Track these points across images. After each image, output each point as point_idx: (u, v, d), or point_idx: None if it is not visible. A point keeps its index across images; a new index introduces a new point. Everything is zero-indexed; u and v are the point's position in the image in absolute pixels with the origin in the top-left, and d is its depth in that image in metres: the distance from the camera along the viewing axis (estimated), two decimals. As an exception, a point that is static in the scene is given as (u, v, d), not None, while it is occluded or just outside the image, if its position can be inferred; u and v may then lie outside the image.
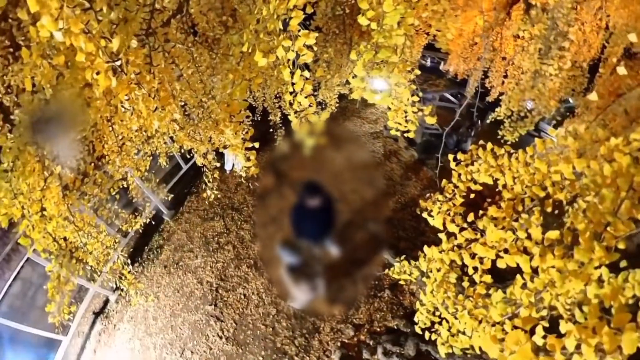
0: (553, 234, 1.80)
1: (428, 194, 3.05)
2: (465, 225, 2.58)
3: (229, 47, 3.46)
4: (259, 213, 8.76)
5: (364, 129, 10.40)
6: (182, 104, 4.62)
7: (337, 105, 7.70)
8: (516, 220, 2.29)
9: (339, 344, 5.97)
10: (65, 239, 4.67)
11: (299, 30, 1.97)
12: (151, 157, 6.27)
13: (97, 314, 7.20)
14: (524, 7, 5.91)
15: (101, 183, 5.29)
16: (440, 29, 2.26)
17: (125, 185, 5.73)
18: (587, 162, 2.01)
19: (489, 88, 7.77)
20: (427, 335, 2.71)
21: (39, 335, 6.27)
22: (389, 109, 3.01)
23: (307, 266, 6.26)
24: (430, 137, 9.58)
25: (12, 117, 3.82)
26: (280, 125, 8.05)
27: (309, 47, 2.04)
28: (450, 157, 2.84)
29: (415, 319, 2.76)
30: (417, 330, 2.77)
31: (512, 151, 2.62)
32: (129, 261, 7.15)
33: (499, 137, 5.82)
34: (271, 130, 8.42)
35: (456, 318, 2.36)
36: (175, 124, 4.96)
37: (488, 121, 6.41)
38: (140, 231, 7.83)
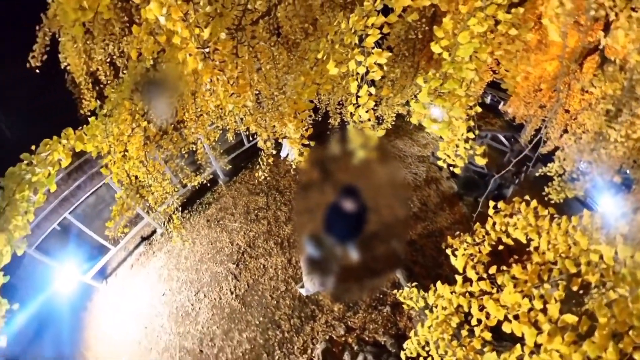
0: (570, 318, 1.55)
1: (458, 232, 2.81)
2: (484, 275, 2.34)
3: (306, 52, 3.47)
4: (297, 201, 8.85)
5: (412, 150, 9.96)
6: (257, 93, 4.76)
7: (393, 122, 7.47)
8: (537, 287, 2.02)
9: (327, 337, 5.87)
10: (136, 177, 5.10)
11: (373, 48, 1.92)
12: (221, 131, 6.66)
13: (143, 239, 7.93)
14: (598, 61, 5.17)
15: (176, 142, 5.66)
16: (508, 69, 2.03)
17: (194, 148, 6.12)
18: (632, 252, 1.70)
19: (545, 139, 6.83)
20: (410, 364, 2.53)
21: (96, 239, 7.11)
22: (442, 138, 2.82)
23: (325, 262, 6.22)
24: (474, 174, 8.88)
25: (120, 75, 4.32)
26: (338, 129, 8.04)
27: (380, 66, 1.97)
28: (492, 203, 2.58)
29: (405, 346, 2.58)
30: (402, 356, 2.59)
31: (555, 215, 2.30)
32: (180, 208, 7.71)
33: (544, 193, 5.18)
34: (328, 132, 8.42)
35: (442, 361, 2.17)
36: (246, 109, 5.12)
37: (537, 174, 5.68)
38: (197, 187, 8.35)
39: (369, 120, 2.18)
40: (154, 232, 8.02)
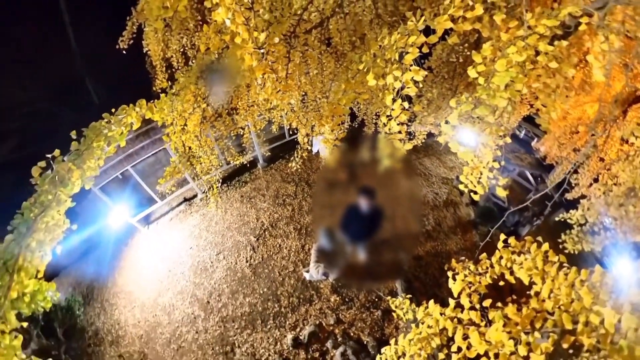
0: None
1: (463, 258, 2.62)
2: (477, 306, 2.17)
3: (351, 62, 3.42)
4: (321, 195, 8.84)
5: (438, 170, 9.49)
6: (303, 94, 4.78)
7: (423, 140, 7.17)
8: (527, 333, 1.83)
9: (317, 322, 5.86)
10: (189, 148, 5.41)
11: (411, 65, 1.86)
12: (267, 122, 6.82)
13: (185, 200, 8.38)
14: (644, 109, 4.45)
15: (227, 124, 5.89)
16: (546, 104, 1.82)
17: (241, 133, 6.34)
18: (638, 324, 1.47)
19: (573, 185, 6.02)
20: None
21: (147, 192, 7.66)
22: (467, 163, 2.63)
23: (333, 255, 6.18)
24: (493, 205, 8.22)
25: (189, 64, 4.65)
26: (371, 138, 7.89)
27: (415, 82, 1.89)
28: (502, 236, 2.37)
29: (383, 350, 2.48)
30: (378, 358, 2.49)
31: (565, 264, 2.06)
32: (220, 181, 8.07)
33: (560, 240, 4.58)
34: (361, 139, 8.30)
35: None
36: (290, 106, 5.18)
37: (557, 218, 5.03)
38: (238, 166, 8.65)
39: (400, 132, 2.11)
40: (195, 196, 8.47)
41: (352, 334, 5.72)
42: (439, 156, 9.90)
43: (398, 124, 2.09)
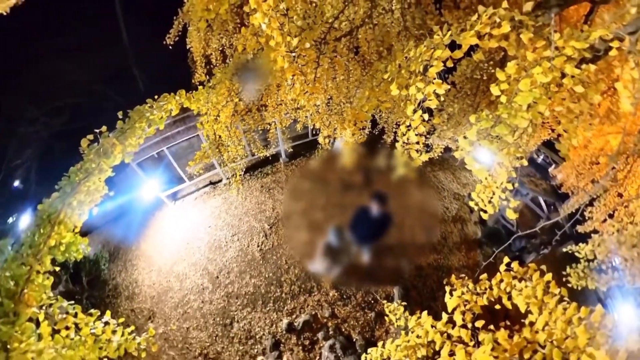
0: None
1: (464, 275, 2.47)
2: (469, 324, 2.03)
3: (376, 71, 3.35)
4: (336, 194, 8.78)
5: (451, 185, 9.11)
6: (329, 97, 4.74)
7: (440, 154, 6.91)
8: (515, 361, 1.69)
9: (313, 312, 5.84)
10: (219, 137, 5.55)
11: (435, 79, 1.78)
12: (293, 121, 6.86)
13: (211, 183, 8.62)
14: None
15: (256, 119, 6.00)
16: (567, 130, 1.66)
17: (268, 128, 6.44)
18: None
19: (587, 217, 5.39)
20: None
21: (178, 172, 7.92)
22: (480, 181, 2.48)
23: (338, 253, 6.12)
24: (501, 227, 7.74)
25: (227, 61, 4.80)
26: (389, 147, 7.71)
27: (437, 96, 1.81)
28: (506, 259, 2.21)
29: (369, 351, 2.39)
30: (363, 358, 2.41)
31: (565, 299, 1.88)
32: (244, 169, 8.24)
33: (564, 272, 4.18)
34: (380, 146, 8.14)
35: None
36: (316, 108, 5.17)
37: (564, 249, 4.56)
38: (262, 158, 8.77)
39: (417, 143, 2.05)
40: (219, 180, 8.70)
41: (343, 330, 5.65)
42: (453, 171, 9.50)
43: (416, 135, 2.04)
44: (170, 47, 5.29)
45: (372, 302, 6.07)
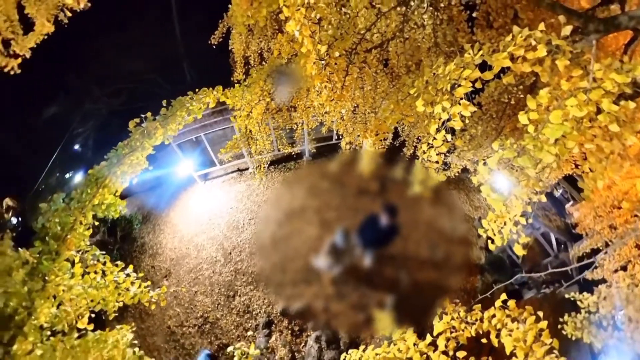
0: None
1: (458, 301, 2.25)
2: (451, 352, 1.84)
3: (403, 85, 3.19)
4: (350, 197, 8.59)
5: (463, 206, 8.55)
6: (355, 106, 4.62)
7: (457, 173, 6.49)
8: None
9: (308, 303, 5.88)
10: (250, 131, 5.63)
11: (461, 98, 1.64)
12: (319, 123, 6.81)
13: (238, 170, 8.80)
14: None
15: (285, 118, 6.03)
16: (594, 169, 1.41)
17: (295, 128, 6.45)
18: None
19: (597, 264, 4.65)
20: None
21: (211, 156, 8.19)
22: (493, 210, 2.23)
23: (342, 253, 5.98)
24: (506, 257, 7.02)
25: (263, 63, 4.93)
26: (408, 159, 7.41)
27: (462, 117, 1.66)
28: (503, 296, 1.97)
29: (350, 352, 2.26)
30: (342, 356, 2.28)
31: (555, 351, 1.63)
32: (269, 162, 8.34)
33: (560, 320, 3.60)
34: (398, 157, 7.85)
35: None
36: (341, 114, 5.07)
37: (567, 295, 3.93)
38: (286, 154, 8.82)
39: (437, 162, 1.93)
40: (246, 169, 8.88)
41: (332, 325, 5.55)
42: (467, 192, 8.91)
43: (437, 154, 1.88)
44: (214, 47, 5.54)
45: (365, 305, 5.87)
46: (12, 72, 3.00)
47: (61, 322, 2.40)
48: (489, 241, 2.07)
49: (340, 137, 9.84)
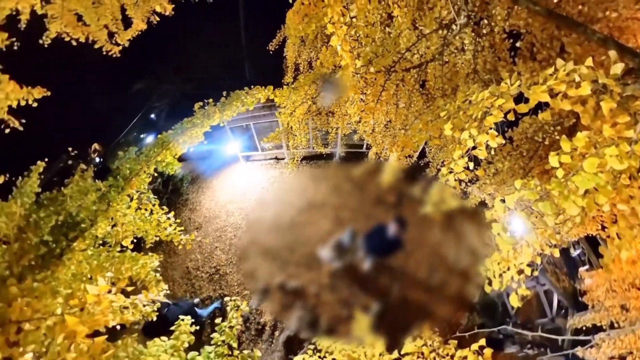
0: None
1: (438, 330, 1.99)
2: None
3: (437, 108, 2.96)
4: (365, 204, 8.32)
5: (473, 239, 7.62)
6: (388, 120, 4.45)
7: (474, 205, 5.84)
8: None
9: (302, 285, 5.79)
10: (291, 127, 5.81)
11: (491, 128, 1.44)
12: (353, 131, 6.69)
13: (276, 158, 9.05)
14: None
15: (322, 121, 6.07)
16: (622, 236, 1.08)
17: (330, 131, 6.43)
18: None
19: (594, 343, 3.72)
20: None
21: (255, 142, 8.51)
22: (499, 250, 1.93)
23: (344, 252, 5.83)
24: (500, 303, 5.81)
25: (310, 70, 5.07)
26: (428, 181, 6.92)
27: (488, 147, 1.47)
28: (482, 342, 1.70)
29: (320, 339, 2.17)
30: (315, 338, 2.20)
31: None
32: (302, 157, 8.45)
33: None
34: (420, 177, 7.37)
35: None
36: (372, 126, 4.96)
37: None
38: (318, 153, 8.85)
39: (454, 188, 1.74)
40: (282, 158, 9.11)
41: (316, 310, 5.45)
42: (480, 226, 7.96)
43: (455, 180, 1.70)
44: (271, 53, 5.89)
45: (350, 303, 5.65)
46: (114, 55, 3.62)
47: (111, 237, 2.87)
48: (487, 282, 1.78)
49: (369, 147, 9.59)
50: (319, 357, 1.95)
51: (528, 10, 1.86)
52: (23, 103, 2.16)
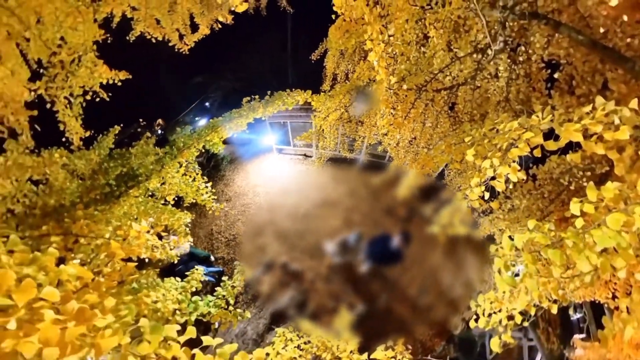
0: None
1: (410, 347, 1.84)
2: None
3: (462, 132, 2.73)
4: (377, 212, 8.07)
5: (471, 272, 6.83)
6: (413, 137, 4.25)
7: (483, 237, 5.24)
8: None
9: (302, 269, 5.93)
10: (322, 130, 5.90)
11: (514, 161, 1.26)
12: (378, 142, 6.49)
13: (305, 155, 9.22)
14: None
15: (352, 129, 6.04)
16: (632, 311, 0.85)
17: (357, 138, 6.35)
18: None
19: None
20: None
21: (289, 138, 8.76)
22: (495, 290, 1.69)
23: (348, 251, 5.80)
24: (480, 345, 5.14)
25: (346, 81, 5.04)
26: (442, 202, 6.42)
27: (507, 180, 1.30)
28: None
29: (302, 319, 2.13)
30: (302, 320, 2.14)
31: None
32: (328, 157, 8.45)
33: None
34: (435, 196, 6.87)
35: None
36: (397, 140, 4.80)
37: None
38: (343, 157, 8.76)
39: (466, 214, 1.62)
40: (310, 156, 9.23)
41: (307, 295, 5.47)
42: (482, 261, 7.06)
43: (467, 206, 1.56)
44: (313, 62, 6.03)
45: (340, 298, 5.51)
46: (183, 52, 4.20)
47: (159, 192, 3.30)
48: (474, 318, 1.57)
49: (391, 159, 9.22)
50: (297, 335, 1.94)
51: (570, 39, 1.56)
52: (111, 82, 2.59)
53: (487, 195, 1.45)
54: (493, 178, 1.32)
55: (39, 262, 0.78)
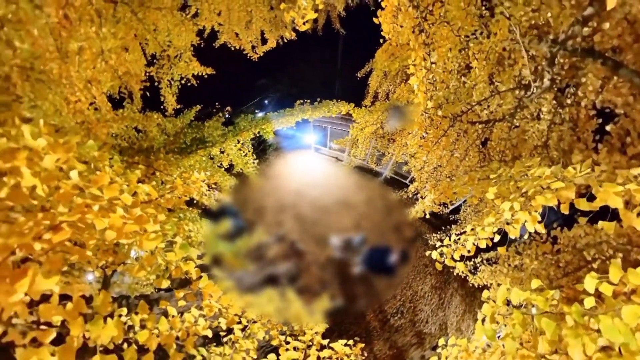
0: None
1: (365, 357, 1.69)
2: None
3: (490, 170, 2.38)
4: (385, 223, 7.60)
5: (453, 317, 5.80)
6: (439, 164, 3.87)
7: (478, 285, 4.35)
8: None
9: (303, 251, 5.98)
10: (357, 139, 5.92)
11: (537, 211, 1.08)
12: (404, 161, 6.02)
13: (337, 158, 9.10)
14: None
15: (383, 144, 5.88)
16: None
17: (386, 154, 6.10)
18: None
19: None
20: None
21: (327, 140, 8.83)
22: (469, 338, 1.41)
23: (349, 249, 5.66)
24: None
25: (386, 100, 4.89)
26: (450, 234, 5.65)
27: (523, 229, 1.12)
28: None
29: (293, 299, 2.15)
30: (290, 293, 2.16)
31: None
32: (355, 164, 8.31)
33: None
34: (446, 227, 6.10)
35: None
36: (422, 164, 4.42)
37: None
38: (368, 168, 8.45)
39: (455, 261, 1.48)
40: (342, 160, 9.15)
41: (301, 272, 5.51)
42: (469, 310, 5.87)
43: (473, 244, 1.35)
44: (358, 79, 5.95)
45: (326, 286, 5.36)
46: (253, 59, 4.67)
47: (218, 158, 3.87)
48: (437, 358, 1.32)
49: (413, 180, 8.53)
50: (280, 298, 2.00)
51: (631, 85, 1.09)
52: (200, 74, 3.19)
53: (497, 238, 1.22)
54: (508, 223, 1.10)
55: (126, 176, 1.00)
